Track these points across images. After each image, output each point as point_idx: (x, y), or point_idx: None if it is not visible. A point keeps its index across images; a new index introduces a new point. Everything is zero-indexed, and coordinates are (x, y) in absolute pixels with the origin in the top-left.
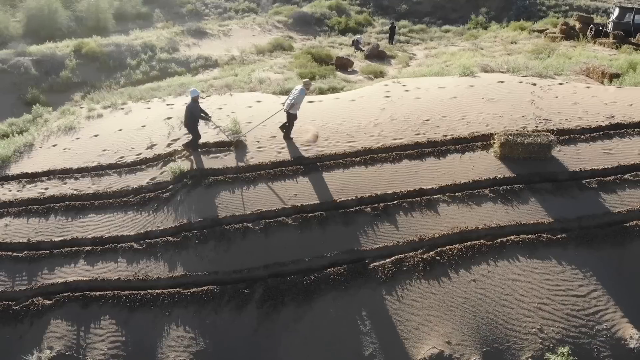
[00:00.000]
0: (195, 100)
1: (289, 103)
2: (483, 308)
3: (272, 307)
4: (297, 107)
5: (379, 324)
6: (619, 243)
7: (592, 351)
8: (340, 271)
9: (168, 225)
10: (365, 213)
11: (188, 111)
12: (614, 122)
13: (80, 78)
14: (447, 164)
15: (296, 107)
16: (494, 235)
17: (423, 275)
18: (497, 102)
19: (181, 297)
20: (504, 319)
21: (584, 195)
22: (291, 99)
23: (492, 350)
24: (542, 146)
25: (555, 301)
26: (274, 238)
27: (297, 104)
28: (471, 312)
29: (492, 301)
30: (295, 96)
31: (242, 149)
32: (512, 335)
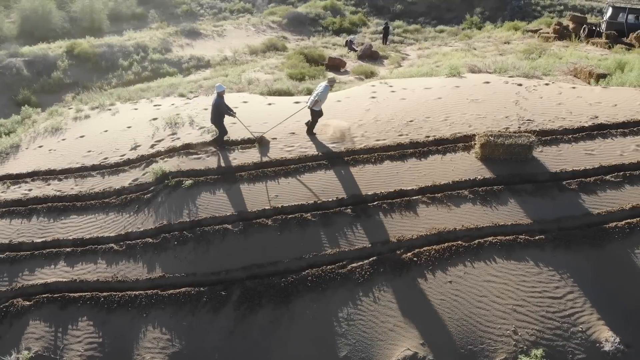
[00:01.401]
0: (221, 95)
1: (312, 100)
2: (458, 309)
3: (249, 309)
4: (320, 103)
5: (355, 326)
6: (597, 244)
7: (567, 354)
8: (318, 272)
9: (148, 226)
10: (345, 214)
11: (214, 107)
12: (597, 123)
13: (71, 79)
14: (428, 165)
15: (320, 103)
16: (471, 236)
17: (400, 276)
18: (481, 102)
19: (159, 299)
20: (479, 321)
21: (564, 197)
22: (315, 95)
23: (466, 352)
24: (522, 147)
25: (530, 303)
26: (253, 239)
27: (321, 100)
28: (446, 313)
29: (467, 303)
30: (319, 93)
31: (264, 147)
32: (486, 337)
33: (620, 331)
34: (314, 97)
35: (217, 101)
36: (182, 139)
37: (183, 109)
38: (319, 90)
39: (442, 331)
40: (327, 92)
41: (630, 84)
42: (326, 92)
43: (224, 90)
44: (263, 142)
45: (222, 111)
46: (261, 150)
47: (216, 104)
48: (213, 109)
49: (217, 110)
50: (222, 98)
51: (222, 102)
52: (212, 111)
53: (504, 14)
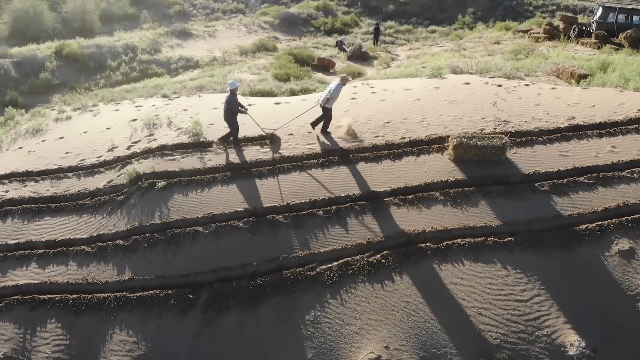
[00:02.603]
0: (233, 93)
1: (324, 97)
2: (424, 312)
3: (216, 311)
4: (332, 101)
5: (321, 329)
6: (567, 247)
7: (530, 358)
8: (287, 275)
9: (120, 228)
10: (317, 216)
11: (226, 104)
12: (573, 124)
13: (59, 80)
14: (401, 166)
15: (332, 101)
16: (440, 238)
17: (368, 278)
18: (459, 103)
19: (127, 301)
20: (444, 324)
21: (536, 198)
22: (327, 93)
23: (429, 356)
24: (495, 148)
25: (496, 306)
26: (224, 242)
27: (333, 98)
28: (411, 316)
29: (433, 305)
30: (331, 90)
31: (276, 143)
32: (450, 340)
33: (587, 335)
34: (326, 95)
35: (230, 98)
36: (158, 140)
37: (163, 110)
38: (332, 88)
39: (406, 334)
40: (340, 90)
41: (611, 84)
42: (338, 90)
43: (236, 87)
44: (274, 139)
45: (234, 108)
46: (273, 147)
47: (228, 101)
48: (225, 106)
49: (230, 108)
50: (234, 95)
51: (234, 100)
52: (224, 108)
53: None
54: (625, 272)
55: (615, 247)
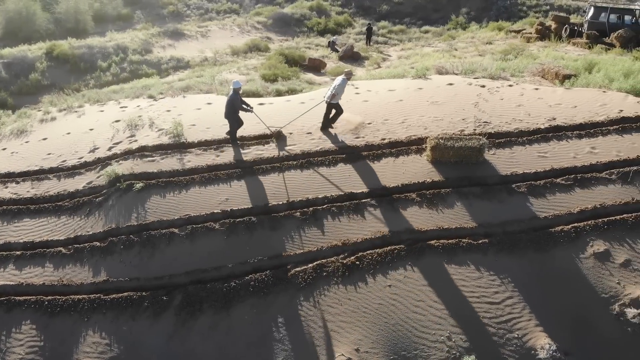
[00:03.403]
0: (236, 91)
1: (330, 94)
2: (395, 314)
3: (189, 314)
4: (338, 97)
5: (293, 331)
6: (542, 249)
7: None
8: (262, 277)
9: (97, 230)
10: (294, 218)
11: (229, 102)
12: (553, 125)
13: (49, 80)
14: (380, 167)
15: (337, 97)
16: (415, 239)
17: (342, 280)
18: (441, 104)
19: (101, 303)
20: (414, 326)
21: (512, 200)
22: (332, 89)
23: (399, 358)
24: (472, 150)
25: (467, 308)
26: (199, 244)
27: (339, 94)
28: (383, 318)
29: (404, 307)
30: (336, 86)
31: (282, 141)
32: (420, 343)
33: (559, 338)
34: (331, 91)
35: (232, 97)
36: (139, 141)
37: (146, 111)
38: (337, 84)
39: (377, 336)
40: (345, 85)
41: (594, 85)
42: (344, 85)
43: (240, 86)
44: (280, 137)
45: (236, 107)
46: (278, 145)
47: (231, 99)
48: (228, 104)
49: (232, 106)
50: (237, 94)
51: (236, 98)
52: (226, 106)
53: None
54: (599, 274)
55: (591, 249)
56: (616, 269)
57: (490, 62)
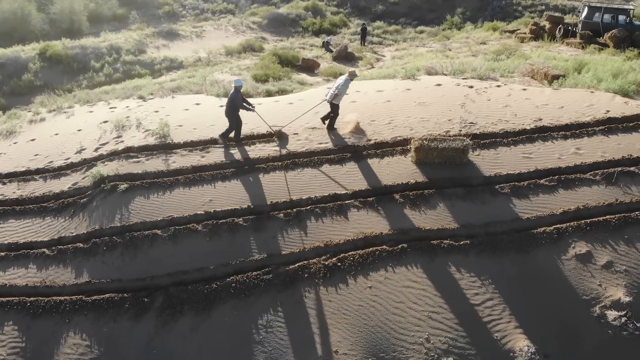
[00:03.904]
0: (238, 90)
1: (332, 93)
2: (374, 316)
3: (170, 315)
4: (340, 97)
5: (273, 333)
6: (524, 250)
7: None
8: (243, 279)
9: (81, 231)
10: (277, 219)
11: (229, 100)
12: (539, 126)
13: (42, 81)
14: (365, 168)
15: (340, 97)
16: (397, 240)
17: (323, 282)
18: (428, 105)
19: (82, 305)
20: (393, 328)
21: (495, 201)
22: (335, 88)
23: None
24: (456, 150)
25: (447, 309)
26: (182, 245)
27: (341, 94)
28: (362, 320)
29: (384, 309)
30: (339, 86)
31: (283, 140)
32: (399, 345)
33: (539, 340)
34: (334, 91)
35: (233, 95)
36: (126, 142)
37: (135, 112)
38: (339, 83)
39: (356, 338)
40: (348, 85)
41: (583, 85)
42: (346, 85)
43: (241, 85)
44: (282, 137)
45: (237, 105)
46: (280, 144)
47: (232, 97)
48: (228, 102)
49: (233, 104)
50: (239, 92)
51: (237, 97)
52: (227, 104)
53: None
54: (581, 276)
55: (572, 250)
56: (598, 271)
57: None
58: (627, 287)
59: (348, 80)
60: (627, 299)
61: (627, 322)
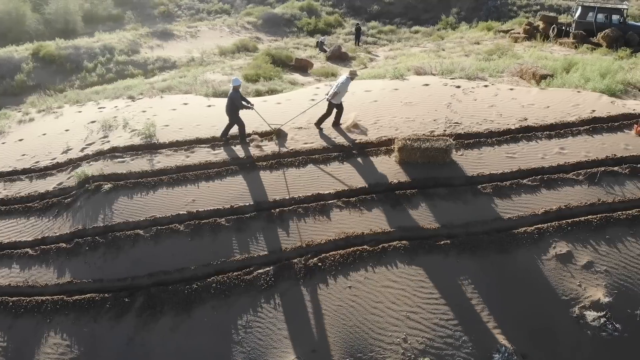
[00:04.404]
0: (236, 89)
1: (332, 92)
2: (353, 316)
3: (151, 315)
4: (340, 96)
5: (252, 333)
6: (504, 250)
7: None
8: (223, 279)
9: (64, 231)
10: (260, 219)
11: (229, 100)
12: (524, 125)
13: (35, 81)
14: (349, 168)
15: (340, 96)
16: (378, 240)
17: (303, 282)
18: (414, 105)
19: (64, 305)
20: (371, 328)
21: (477, 201)
22: (335, 87)
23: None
24: (438, 151)
25: (425, 310)
26: (164, 246)
27: (341, 93)
28: (341, 320)
29: (363, 309)
30: (339, 85)
31: (282, 138)
32: (377, 345)
33: (517, 341)
34: (334, 90)
35: (232, 94)
36: (112, 142)
37: (123, 112)
38: (340, 82)
39: (335, 338)
40: (348, 84)
41: (570, 85)
42: (347, 84)
43: (239, 84)
44: (281, 134)
45: (237, 104)
46: (279, 142)
47: (231, 97)
48: (228, 102)
49: (232, 103)
50: (237, 92)
51: (237, 96)
52: (227, 104)
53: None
54: (561, 276)
55: (553, 250)
56: (578, 271)
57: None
58: (607, 288)
59: (348, 79)
60: (607, 300)
61: (606, 323)
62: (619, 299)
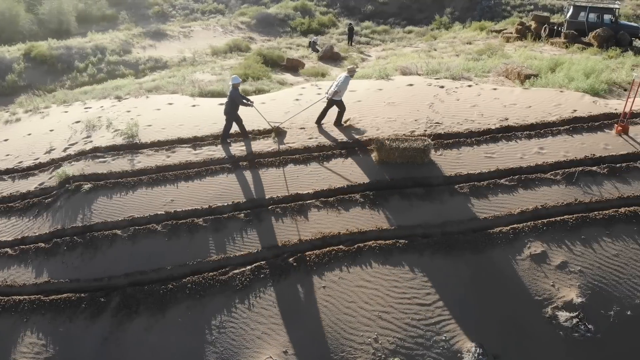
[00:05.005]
0: (236, 87)
1: (332, 90)
2: (326, 316)
3: (126, 316)
4: (341, 94)
5: (226, 333)
6: (479, 250)
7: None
8: (199, 280)
9: (44, 231)
10: (237, 219)
11: (229, 99)
12: (504, 125)
13: (26, 81)
14: (329, 168)
15: (340, 94)
16: (354, 240)
17: (278, 282)
18: (397, 105)
19: (40, 304)
20: (343, 328)
21: (454, 201)
22: (335, 85)
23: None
24: (417, 150)
25: (397, 310)
26: (141, 246)
27: (341, 91)
28: (314, 320)
29: (336, 309)
30: (339, 82)
31: (281, 136)
32: (348, 345)
33: (489, 341)
34: (334, 88)
35: (232, 93)
36: (94, 142)
37: (107, 112)
38: (340, 80)
39: (307, 338)
40: (348, 82)
41: (553, 84)
42: (347, 82)
43: (239, 82)
44: (280, 132)
45: (237, 102)
46: (278, 140)
47: (231, 96)
48: (228, 101)
49: (232, 102)
50: (237, 90)
51: (237, 94)
52: (227, 103)
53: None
54: (534, 276)
55: (528, 250)
56: (552, 271)
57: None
58: (580, 288)
59: (348, 77)
60: (580, 300)
61: (579, 324)
62: (593, 300)
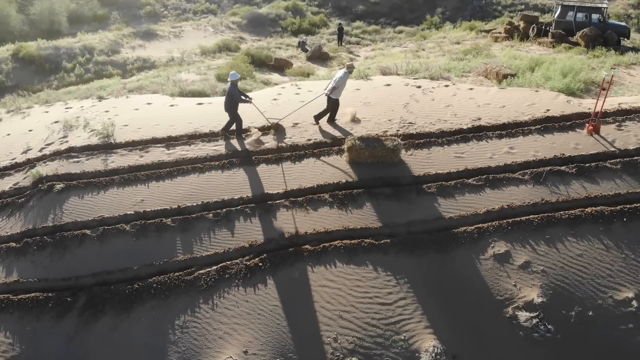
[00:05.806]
0: (234, 84)
1: (330, 87)
2: (288, 316)
3: (92, 315)
4: (339, 91)
5: (189, 333)
6: (443, 249)
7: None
8: (164, 280)
9: (15, 230)
10: (206, 219)
11: (228, 95)
12: (476, 125)
13: (14, 81)
14: (300, 168)
15: (338, 91)
16: (320, 240)
17: (242, 282)
18: (372, 105)
19: (9, 303)
20: (304, 327)
21: (421, 200)
22: (333, 82)
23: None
24: (386, 150)
25: (358, 309)
26: (109, 245)
27: (340, 87)
28: (275, 320)
29: (298, 308)
30: (337, 79)
31: (280, 133)
32: (307, 345)
33: (450, 341)
34: (332, 84)
35: (231, 89)
36: (70, 142)
37: (87, 112)
38: (338, 77)
39: (267, 338)
40: (346, 78)
41: (530, 84)
42: (345, 78)
43: (238, 78)
44: (279, 129)
45: (235, 99)
46: (277, 137)
47: (230, 92)
48: (227, 97)
49: (231, 99)
50: (235, 86)
51: (235, 91)
52: (226, 99)
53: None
54: (497, 276)
55: (491, 250)
56: (514, 271)
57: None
58: (542, 288)
59: (346, 74)
60: (540, 300)
61: (539, 324)
62: (554, 300)
